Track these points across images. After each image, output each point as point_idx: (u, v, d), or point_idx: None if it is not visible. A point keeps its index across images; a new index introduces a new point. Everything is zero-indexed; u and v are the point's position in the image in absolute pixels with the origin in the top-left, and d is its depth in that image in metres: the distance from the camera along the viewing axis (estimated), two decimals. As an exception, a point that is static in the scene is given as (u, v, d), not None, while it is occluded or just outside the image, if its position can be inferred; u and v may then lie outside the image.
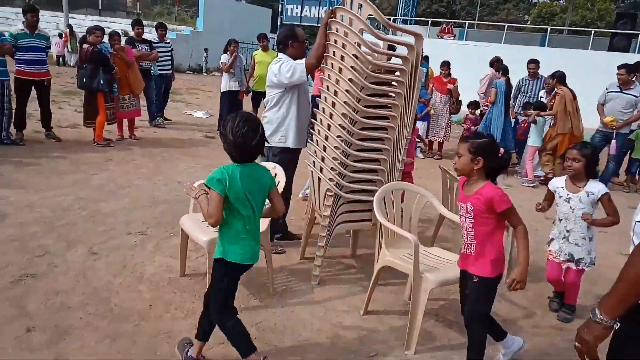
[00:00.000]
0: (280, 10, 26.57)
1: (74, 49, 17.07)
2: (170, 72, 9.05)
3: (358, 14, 3.35)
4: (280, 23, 25.26)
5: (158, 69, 8.78)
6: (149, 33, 10.49)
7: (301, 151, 4.00)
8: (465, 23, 22.44)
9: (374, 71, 3.33)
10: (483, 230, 2.42)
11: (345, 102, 3.30)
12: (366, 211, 3.60)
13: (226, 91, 8.60)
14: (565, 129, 7.17)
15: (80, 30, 17.78)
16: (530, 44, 17.86)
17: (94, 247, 3.77)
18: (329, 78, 3.48)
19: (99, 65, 6.68)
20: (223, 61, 8.49)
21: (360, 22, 3.28)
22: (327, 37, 3.48)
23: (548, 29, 19.49)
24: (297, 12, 25.46)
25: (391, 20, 4.07)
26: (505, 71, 8.27)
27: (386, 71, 3.43)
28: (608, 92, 7.30)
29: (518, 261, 2.35)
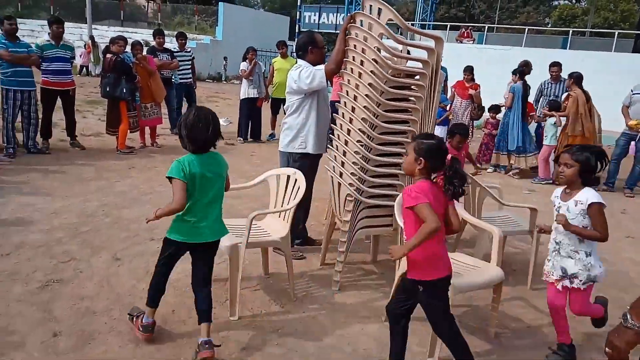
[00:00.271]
0: (298, 17, 26.79)
1: (96, 60, 17.41)
2: (190, 80, 9.16)
3: (377, 19, 3.35)
4: (298, 30, 25.44)
5: (179, 78, 8.90)
6: (170, 42, 10.65)
7: (321, 157, 4.00)
8: (484, 27, 22.23)
9: (394, 75, 3.32)
10: (408, 227, 2.36)
11: (365, 107, 3.29)
12: (387, 216, 3.58)
13: (245, 98, 8.68)
14: (575, 131, 7.09)
15: (103, 40, 18.17)
16: (551, 47, 17.61)
17: (118, 253, 3.82)
18: (349, 83, 3.48)
19: (122, 74, 6.80)
20: (242, 69, 8.57)
21: (379, 27, 3.28)
22: (347, 43, 3.48)
23: (570, 31, 19.19)
24: (315, 19, 25.65)
25: (410, 25, 4.07)
26: (522, 74, 8.17)
27: (406, 75, 3.42)
28: (633, 94, 7.14)
29: (405, 243, 2.28)
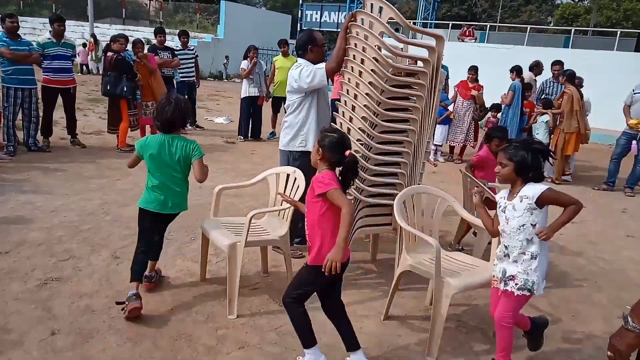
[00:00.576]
0: (300, 16, 26.77)
1: (97, 58, 17.41)
2: (193, 79, 9.13)
3: (378, 17, 3.34)
4: (299, 29, 25.41)
5: (181, 76, 8.89)
6: (171, 41, 10.67)
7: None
8: (486, 25, 22.16)
9: (395, 74, 3.31)
10: (312, 217, 2.42)
11: (365, 106, 3.28)
12: (386, 215, 3.58)
13: (246, 97, 8.67)
14: (571, 128, 7.22)
15: (104, 39, 18.18)
16: (553, 46, 17.54)
17: (118, 251, 3.83)
18: (349, 82, 3.48)
19: (123, 72, 6.80)
20: (242, 67, 8.56)
21: (380, 25, 3.27)
22: (348, 41, 3.47)
23: (572, 30, 19.13)
24: (317, 18, 25.62)
25: (411, 24, 4.07)
26: (519, 72, 8.17)
27: (407, 74, 3.41)
28: (635, 93, 7.12)
29: (337, 240, 2.28)
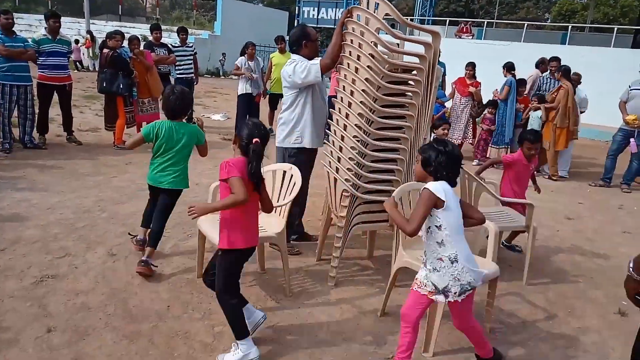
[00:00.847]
0: (297, 12, 26.69)
1: (94, 55, 17.34)
2: (191, 76, 9.09)
3: (375, 13, 3.33)
4: (297, 25, 25.33)
5: (178, 73, 8.85)
6: (168, 37, 10.62)
7: (317, 152, 3.99)
8: (483, 22, 22.14)
9: (391, 70, 3.30)
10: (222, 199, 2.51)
11: (361, 102, 3.27)
12: (383, 212, 3.56)
13: (243, 94, 8.64)
14: (564, 124, 7.31)
15: (101, 35, 18.10)
16: (550, 42, 17.54)
17: (114, 249, 3.82)
18: (345, 78, 3.47)
19: (119, 69, 6.78)
20: (237, 63, 8.52)
21: (376, 21, 3.26)
22: (344, 37, 3.46)
23: (569, 27, 19.12)
24: (314, 14, 25.55)
25: (408, 20, 4.06)
26: (511, 69, 8.23)
27: (403, 70, 3.40)
28: (631, 90, 7.13)
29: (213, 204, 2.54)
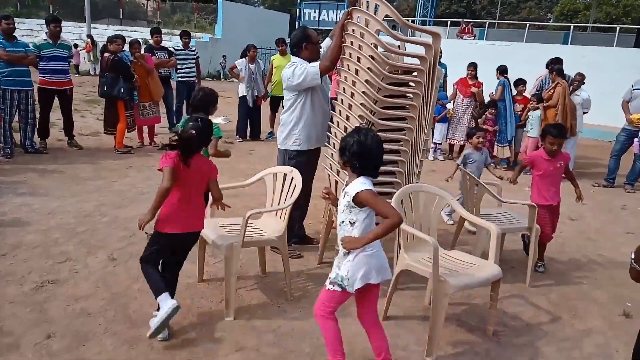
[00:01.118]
0: (298, 14, 26.73)
1: (95, 59, 17.36)
2: (193, 80, 9.11)
3: (374, 15, 3.31)
4: (298, 27, 25.32)
5: (180, 76, 8.86)
6: (169, 41, 10.61)
7: (320, 154, 3.97)
8: (485, 23, 22.09)
9: (391, 72, 3.28)
10: None
11: (361, 104, 3.26)
12: (384, 214, 3.55)
13: (244, 96, 8.64)
14: (562, 120, 7.28)
15: (102, 39, 18.14)
16: (552, 43, 17.50)
17: (114, 253, 3.80)
18: (346, 80, 3.45)
19: (120, 73, 6.78)
20: (236, 64, 8.50)
21: (376, 23, 3.24)
22: (344, 39, 3.45)
23: (571, 27, 19.08)
24: (315, 16, 25.60)
25: (409, 21, 4.06)
26: (504, 72, 8.43)
27: (404, 71, 3.38)
28: (634, 89, 7.10)
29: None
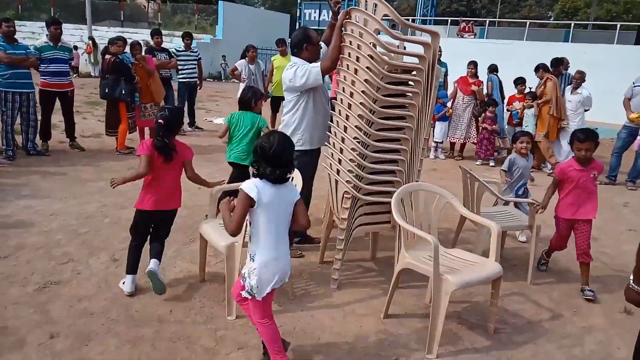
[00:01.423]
0: (298, 15, 26.71)
1: (96, 61, 17.39)
2: (194, 81, 9.13)
3: (373, 14, 3.32)
4: (298, 28, 25.31)
5: (181, 78, 8.87)
6: (170, 42, 10.62)
7: (320, 153, 3.98)
8: (485, 21, 22.06)
9: (391, 71, 3.29)
10: None
11: (361, 103, 3.27)
12: (385, 213, 3.56)
13: (245, 96, 8.63)
14: (557, 114, 7.59)
15: (103, 41, 18.17)
16: (553, 41, 17.48)
17: (117, 254, 3.82)
18: (345, 79, 3.46)
19: (121, 75, 6.79)
20: (236, 65, 8.52)
21: (375, 22, 3.25)
22: (343, 39, 3.46)
23: (572, 25, 19.04)
24: (315, 17, 25.56)
25: (410, 20, 4.08)
26: (494, 70, 8.66)
27: (403, 71, 3.39)
28: (635, 87, 7.09)
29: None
